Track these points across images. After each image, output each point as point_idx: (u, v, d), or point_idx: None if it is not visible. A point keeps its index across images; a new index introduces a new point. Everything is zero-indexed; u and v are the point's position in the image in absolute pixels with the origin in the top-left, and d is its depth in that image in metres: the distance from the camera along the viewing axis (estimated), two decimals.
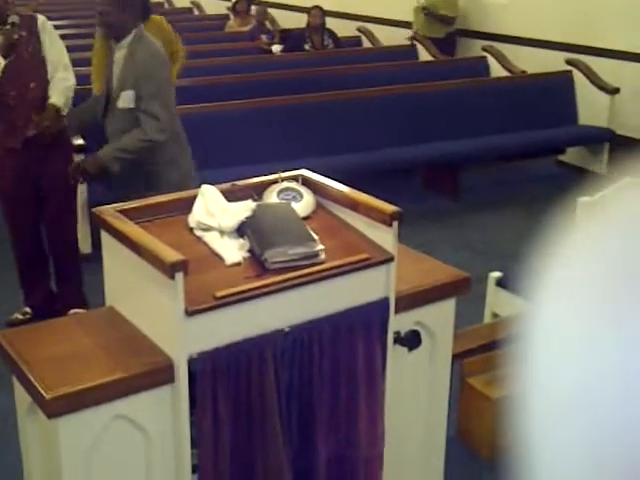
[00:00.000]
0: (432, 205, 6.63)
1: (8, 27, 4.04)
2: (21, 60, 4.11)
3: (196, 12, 11.95)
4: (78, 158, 4.46)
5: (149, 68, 3.80)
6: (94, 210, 2.54)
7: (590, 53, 7.56)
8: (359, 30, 9.04)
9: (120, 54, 3.86)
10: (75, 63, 4.48)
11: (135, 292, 2.50)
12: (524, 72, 7.68)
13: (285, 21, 10.20)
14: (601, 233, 0.55)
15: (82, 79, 4.75)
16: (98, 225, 2.56)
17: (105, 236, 2.52)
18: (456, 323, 2.90)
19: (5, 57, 4.08)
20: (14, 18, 4.07)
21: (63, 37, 4.52)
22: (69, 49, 4.43)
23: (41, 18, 4.28)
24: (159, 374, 2.28)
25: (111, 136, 3.91)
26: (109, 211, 2.52)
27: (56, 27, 4.45)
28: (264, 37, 8.81)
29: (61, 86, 4.19)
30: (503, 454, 2.92)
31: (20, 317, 4.63)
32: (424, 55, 8.28)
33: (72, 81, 4.30)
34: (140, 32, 3.88)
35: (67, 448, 2.19)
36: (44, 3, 11.25)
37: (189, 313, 2.23)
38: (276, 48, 8.42)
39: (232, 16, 9.73)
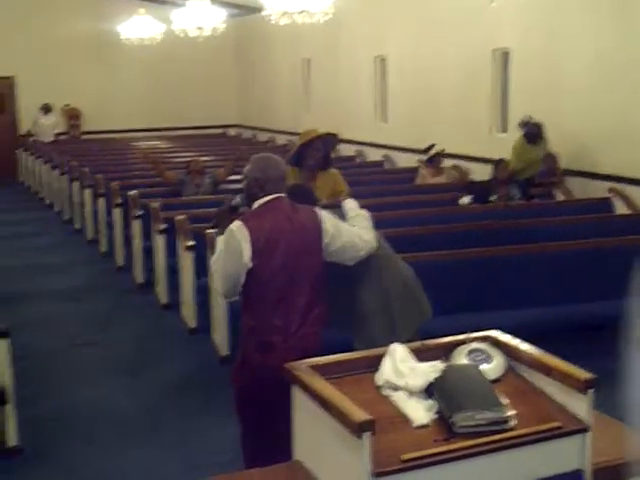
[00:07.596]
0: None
1: None
2: None
3: (386, 165, 12.36)
4: None
5: None
6: (287, 365, 2.62)
7: None
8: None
9: None
10: None
11: (322, 448, 2.51)
12: None
13: (475, 172, 10.35)
14: None
15: None
16: (290, 380, 2.63)
17: (296, 391, 2.59)
18: None
19: None
20: None
21: None
22: None
23: None
24: None
25: None
26: (301, 367, 2.59)
27: None
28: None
29: None
30: None
31: None
32: (620, 208, 8.06)
33: None
34: None
35: None
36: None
37: (375, 475, 2.21)
38: (463, 200, 8.48)
39: (424, 167, 9.98)
